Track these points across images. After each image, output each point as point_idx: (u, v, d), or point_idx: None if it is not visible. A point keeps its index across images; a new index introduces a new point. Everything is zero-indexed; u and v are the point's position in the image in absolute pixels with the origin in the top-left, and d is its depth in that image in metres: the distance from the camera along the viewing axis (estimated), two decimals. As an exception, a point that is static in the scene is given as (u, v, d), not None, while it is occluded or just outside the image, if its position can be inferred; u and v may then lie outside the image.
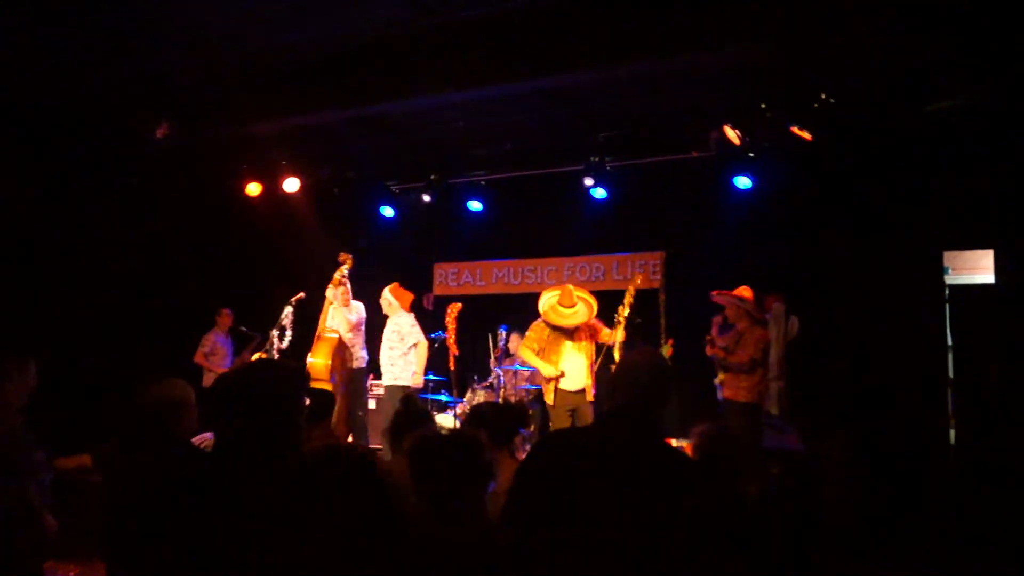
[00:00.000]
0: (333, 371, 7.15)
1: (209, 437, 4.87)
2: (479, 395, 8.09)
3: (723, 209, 7.67)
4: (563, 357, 6.52)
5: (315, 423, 3.71)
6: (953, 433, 6.61)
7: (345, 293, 7.39)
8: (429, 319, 8.29)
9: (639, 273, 6.92)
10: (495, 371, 8.10)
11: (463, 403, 7.85)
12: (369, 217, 9.21)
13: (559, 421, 6.45)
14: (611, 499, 2.15)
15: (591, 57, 5.92)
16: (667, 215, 8.32)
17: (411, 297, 7.62)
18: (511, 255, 9.34)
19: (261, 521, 1.89)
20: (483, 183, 8.67)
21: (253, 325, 8.73)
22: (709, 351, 6.65)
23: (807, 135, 6.49)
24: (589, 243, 8.78)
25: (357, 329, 7.47)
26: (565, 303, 6.55)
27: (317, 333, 7.43)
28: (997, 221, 6.52)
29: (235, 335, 8.93)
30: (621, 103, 7.28)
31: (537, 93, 6.89)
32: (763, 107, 6.63)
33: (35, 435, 3.49)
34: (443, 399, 8.03)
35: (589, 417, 6.41)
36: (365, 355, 7.57)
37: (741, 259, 7.50)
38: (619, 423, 2.35)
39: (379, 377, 8.35)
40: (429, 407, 7.32)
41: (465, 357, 8.11)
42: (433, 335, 7.86)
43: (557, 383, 6.50)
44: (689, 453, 3.44)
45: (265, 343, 7.80)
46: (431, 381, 7.95)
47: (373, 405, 8.42)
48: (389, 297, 7.52)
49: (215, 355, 8.76)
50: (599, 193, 7.95)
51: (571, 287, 6.68)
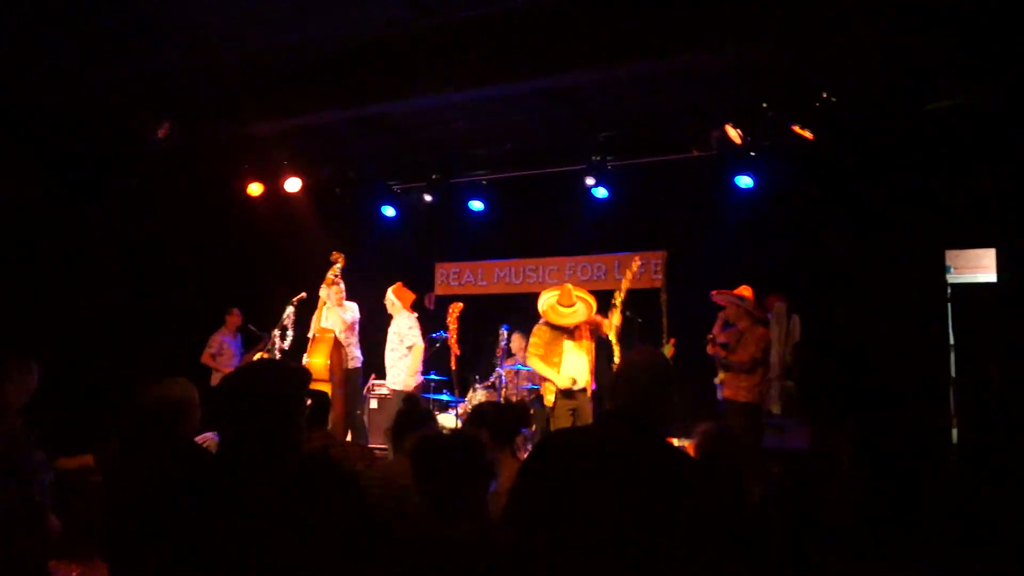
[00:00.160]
0: (332, 371, 7.15)
1: (211, 437, 4.88)
2: (480, 395, 8.08)
3: (724, 208, 7.67)
4: (564, 356, 6.53)
5: (313, 424, 3.72)
6: (955, 432, 6.60)
7: (338, 292, 7.37)
8: (431, 319, 8.30)
9: (637, 256, 6.90)
10: (496, 371, 8.10)
11: (464, 403, 7.85)
12: (370, 217, 9.21)
13: (560, 420, 6.45)
14: (612, 499, 2.15)
15: (592, 57, 5.92)
16: (668, 214, 8.32)
17: (412, 297, 7.62)
18: (512, 255, 9.33)
19: (261, 521, 1.89)
20: (484, 183, 8.67)
21: (254, 325, 8.74)
22: (710, 350, 6.65)
23: (808, 134, 6.48)
24: (590, 243, 8.78)
25: (352, 329, 7.47)
26: (564, 302, 6.56)
27: (312, 333, 7.43)
28: (999, 220, 6.51)
29: (244, 335, 8.94)
30: (622, 102, 7.28)
31: (538, 93, 6.89)
32: (764, 106, 6.63)
33: (37, 435, 3.49)
34: (445, 399, 8.03)
35: (589, 416, 6.42)
36: (360, 355, 7.56)
37: (743, 258, 7.49)
38: (620, 423, 2.35)
39: (380, 377, 8.36)
40: (431, 407, 7.33)
41: (466, 357, 8.12)
42: (434, 335, 7.87)
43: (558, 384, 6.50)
44: (691, 452, 3.44)
45: (268, 343, 7.82)
46: (432, 381, 7.96)
47: (375, 405, 8.42)
48: (392, 297, 7.53)
49: (222, 355, 8.77)
50: (600, 193, 7.95)
51: (570, 286, 6.69)
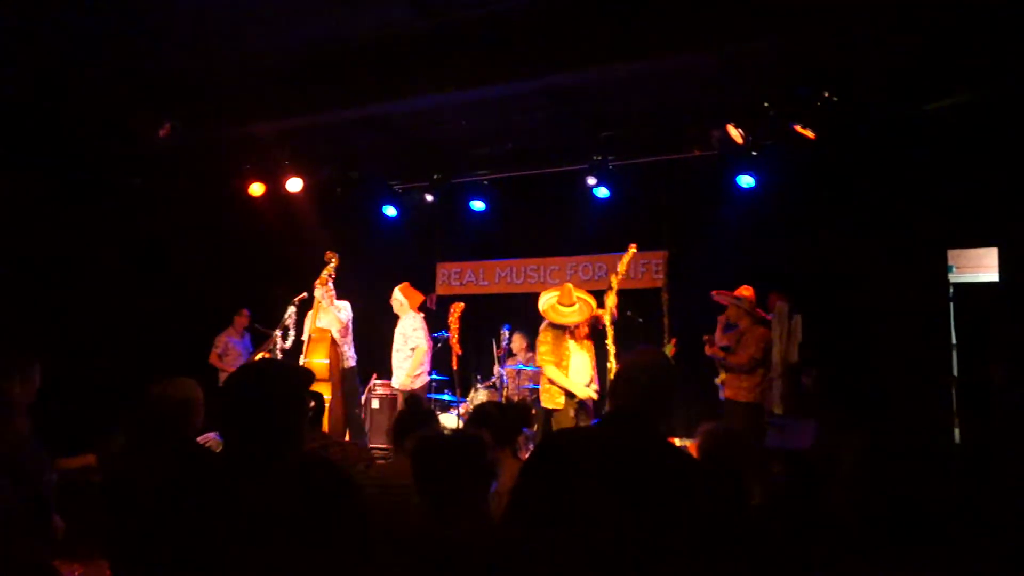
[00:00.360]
0: (330, 371, 7.14)
1: (213, 437, 4.88)
2: (482, 395, 8.08)
3: (726, 208, 7.65)
4: (571, 358, 6.52)
5: (311, 424, 3.71)
6: (957, 432, 6.59)
7: (329, 291, 7.36)
8: (432, 319, 8.29)
9: (633, 244, 6.90)
10: (498, 371, 8.10)
11: (466, 403, 7.85)
12: (372, 217, 9.20)
13: (565, 418, 6.44)
14: (613, 499, 2.15)
15: (592, 56, 5.91)
16: (670, 214, 8.31)
17: (421, 298, 7.61)
18: (514, 254, 9.33)
19: (262, 521, 1.89)
20: (486, 182, 8.66)
21: (257, 325, 8.74)
22: (708, 351, 6.64)
23: (810, 134, 6.47)
24: (592, 242, 8.77)
25: (347, 328, 7.46)
26: (565, 302, 6.57)
27: (307, 334, 7.39)
28: (1001, 219, 6.49)
29: (253, 335, 8.95)
30: (623, 102, 7.27)
31: (539, 92, 6.89)
32: (766, 106, 6.62)
33: (39, 435, 3.49)
34: (446, 399, 8.03)
35: (592, 414, 6.43)
36: (354, 354, 7.56)
37: (744, 258, 7.48)
38: (621, 423, 2.35)
39: (381, 377, 8.35)
40: (432, 407, 7.33)
41: (468, 357, 8.11)
42: (436, 335, 7.87)
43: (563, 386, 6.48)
44: (692, 452, 3.43)
45: (271, 343, 7.81)
46: (433, 381, 7.95)
47: (376, 405, 8.42)
48: (400, 297, 7.51)
49: (227, 355, 8.79)
50: (602, 192, 7.94)
51: (570, 286, 6.70)
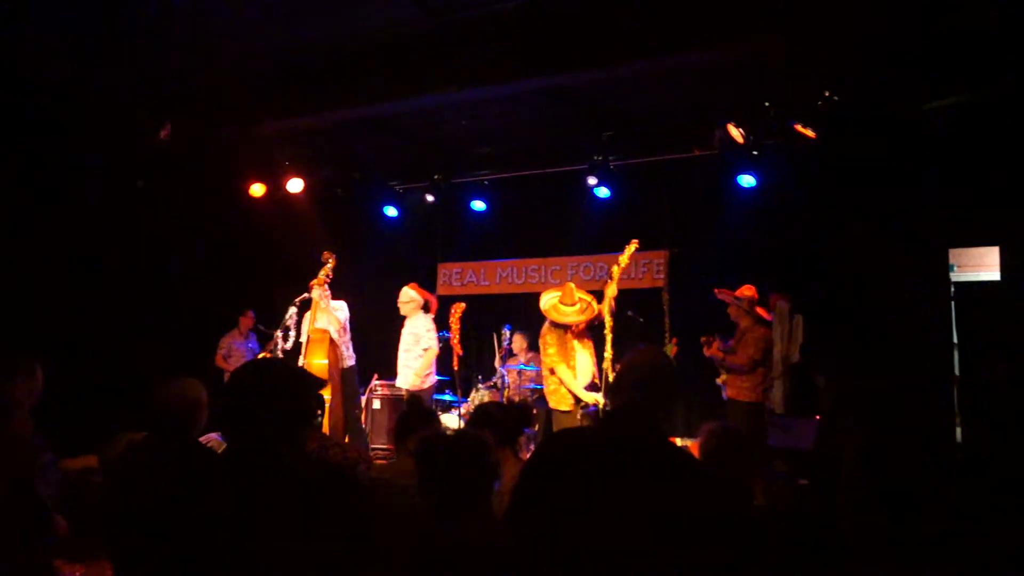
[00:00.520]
0: (330, 371, 7.14)
1: (214, 437, 4.88)
2: (483, 395, 8.08)
3: (727, 207, 7.65)
4: (576, 358, 6.51)
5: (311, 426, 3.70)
6: (959, 431, 6.58)
7: (325, 292, 7.35)
8: (433, 319, 8.29)
9: (635, 241, 6.89)
10: (499, 371, 8.10)
11: (467, 403, 7.85)
12: (372, 217, 9.20)
13: (570, 421, 6.42)
14: (614, 499, 2.14)
15: (593, 56, 5.91)
16: (671, 214, 8.31)
17: (432, 298, 7.62)
18: (515, 255, 9.33)
19: (264, 522, 1.89)
20: (486, 183, 8.66)
21: (260, 326, 8.76)
22: (707, 352, 6.64)
23: (811, 133, 6.47)
24: (592, 242, 8.77)
25: (344, 328, 7.46)
26: (566, 302, 6.56)
27: (305, 335, 7.37)
28: (1002, 218, 6.48)
29: (258, 335, 8.95)
30: (624, 102, 7.27)
31: (540, 92, 6.88)
32: (766, 105, 6.62)
33: (41, 436, 3.49)
34: (447, 399, 8.03)
35: (596, 419, 6.41)
36: (353, 354, 7.55)
37: (745, 257, 7.48)
38: (622, 423, 2.34)
39: (382, 377, 8.34)
40: (434, 407, 7.33)
41: (469, 357, 8.11)
42: (437, 335, 7.86)
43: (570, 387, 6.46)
44: (694, 452, 3.43)
45: (273, 343, 7.81)
46: (435, 381, 7.95)
47: (378, 405, 8.42)
48: (413, 294, 7.49)
49: (231, 357, 8.80)
50: (602, 192, 7.94)
51: (572, 286, 6.69)
